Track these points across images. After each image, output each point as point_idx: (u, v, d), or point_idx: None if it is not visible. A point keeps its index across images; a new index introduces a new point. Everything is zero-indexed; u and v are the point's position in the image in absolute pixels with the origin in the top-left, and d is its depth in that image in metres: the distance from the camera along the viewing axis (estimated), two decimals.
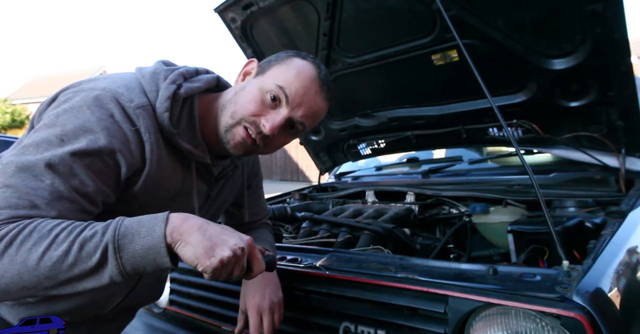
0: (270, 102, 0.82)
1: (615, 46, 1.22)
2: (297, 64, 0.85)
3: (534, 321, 0.72)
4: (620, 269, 0.84)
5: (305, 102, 0.84)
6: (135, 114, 0.75)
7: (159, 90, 0.80)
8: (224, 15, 1.74)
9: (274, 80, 0.83)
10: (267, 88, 0.83)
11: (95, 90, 0.74)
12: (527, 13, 1.32)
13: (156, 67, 0.85)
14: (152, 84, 0.80)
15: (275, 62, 0.86)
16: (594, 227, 1.10)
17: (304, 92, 0.83)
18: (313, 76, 0.85)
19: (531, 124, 1.60)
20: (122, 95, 0.75)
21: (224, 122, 0.85)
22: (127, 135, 0.74)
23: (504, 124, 0.99)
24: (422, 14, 1.46)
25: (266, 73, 0.85)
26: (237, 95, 0.85)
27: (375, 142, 2.24)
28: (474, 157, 2.26)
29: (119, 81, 0.78)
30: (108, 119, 0.72)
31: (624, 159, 1.44)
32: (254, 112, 0.82)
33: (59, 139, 0.70)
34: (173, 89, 0.80)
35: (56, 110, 0.73)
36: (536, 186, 0.90)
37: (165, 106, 0.78)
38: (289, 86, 0.82)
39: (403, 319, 0.87)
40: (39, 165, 0.68)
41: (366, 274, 0.95)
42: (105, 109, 0.72)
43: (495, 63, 1.48)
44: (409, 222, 1.60)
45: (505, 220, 1.33)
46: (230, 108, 0.84)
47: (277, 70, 0.85)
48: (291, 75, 0.83)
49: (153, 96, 0.79)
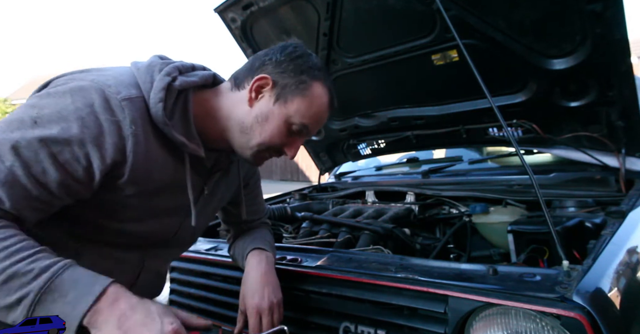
0: (295, 131, 0.89)
1: (615, 46, 1.22)
2: (318, 94, 0.89)
3: (534, 321, 0.72)
4: (620, 269, 0.84)
5: (320, 126, 0.94)
6: (120, 106, 0.73)
7: (153, 81, 0.79)
8: (224, 15, 1.74)
9: (299, 117, 0.87)
10: (292, 122, 0.87)
11: (84, 80, 0.73)
12: (527, 13, 1.32)
13: (152, 61, 0.85)
14: (147, 76, 0.80)
15: (299, 92, 0.87)
16: (594, 227, 1.10)
17: (322, 122, 0.93)
18: (328, 103, 0.91)
19: (531, 124, 1.60)
20: (110, 87, 0.74)
21: (250, 147, 0.88)
22: (103, 126, 0.71)
23: (504, 124, 0.99)
24: (422, 14, 1.46)
25: (288, 104, 0.87)
26: (260, 125, 0.87)
27: (375, 142, 2.24)
28: (474, 157, 2.26)
29: (111, 74, 0.78)
30: (85, 108, 0.70)
31: (624, 159, 1.44)
32: (281, 143, 0.89)
33: (33, 121, 0.68)
34: (167, 81, 0.80)
35: (40, 94, 0.73)
36: (536, 186, 0.90)
37: (159, 96, 0.78)
38: (312, 122, 0.89)
39: (403, 319, 0.87)
40: (4, 145, 0.66)
41: (366, 274, 0.95)
42: (86, 98, 0.71)
43: (495, 63, 1.48)
44: (409, 222, 1.60)
45: (505, 220, 1.33)
46: (254, 137, 0.87)
47: (301, 104, 0.87)
48: (314, 112, 0.88)
49: (147, 88, 0.78)
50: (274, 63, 0.88)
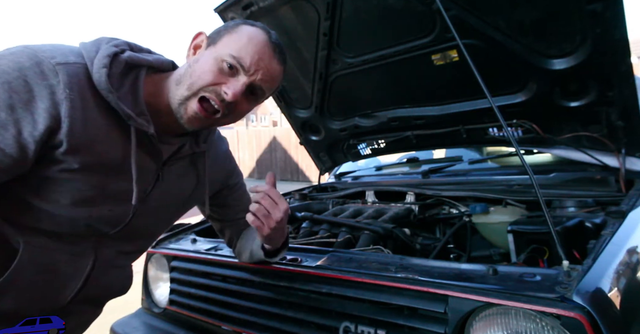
0: (228, 70, 0.82)
1: (615, 46, 1.22)
2: (247, 30, 0.85)
3: (534, 321, 0.72)
4: (620, 269, 0.84)
5: (262, 67, 0.84)
6: (54, 70, 0.70)
7: (98, 51, 0.77)
8: (224, 15, 1.74)
9: (227, 50, 0.82)
10: (222, 58, 0.82)
11: (21, 47, 0.71)
12: (527, 13, 1.32)
13: (102, 36, 0.83)
14: (92, 46, 0.78)
15: (225, 32, 0.85)
16: (594, 227, 1.10)
17: (258, 57, 0.84)
18: (265, 41, 0.85)
19: (531, 124, 1.61)
20: (44, 52, 0.71)
21: (179, 95, 0.83)
22: (33, 91, 0.68)
23: (504, 124, 1.00)
24: (422, 14, 1.46)
25: (218, 44, 0.84)
26: (191, 67, 0.84)
27: (375, 142, 2.24)
28: (474, 157, 2.26)
29: (53, 44, 0.75)
30: (13, 72, 0.67)
31: (624, 159, 1.44)
32: (213, 81, 0.82)
33: None
34: (114, 50, 0.78)
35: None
36: (536, 186, 0.90)
37: (103, 62, 0.75)
38: (243, 54, 0.82)
39: (403, 319, 0.87)
40: None
41: (366, 274, 0.95)
42: (15, 62, 0.68)
43: (495, 63, 1.48)
44: (409, 222, 1.60)
45: (505, 220, 1.33)
46: (186, 81, 0.82)
47: (229, 40, 0.84)
48: (243, 43, 0.83)
49: (91, 56, 0.76)
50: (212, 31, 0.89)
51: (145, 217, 0.91)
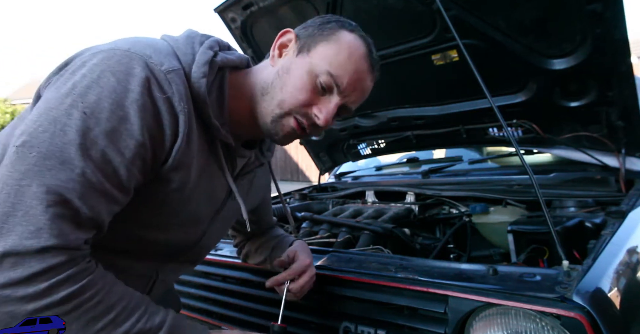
0: (321, 90, 0.74)
1: (615, 46, 1.22)
2: (347, 40, 0.75)
3: (534, 321, 0.72)
4: (620, 269, 0.84)
5: (358, 88, 0.77)
6: (167, 79, 0.63)
7: (195, 54, 0.70)
8: (224, 15, 1.74)
9: (324, 64, 0.73)
10: (316, 73, 0.73)
11: (117, 51, 0.62)
12: (527, 13, 1.32)
13: (190, 32, 0.75)
14: (187, 47, 0.70)
15: (321, 38, 0.75)
16: (594, 227, 1.10)
17: (357, 77, 0.76)
18: (364, 55, 0.77)
19: (531, 124, 1.61)
20: (150, 57, 0.63)
21: (270, 111, 0.75)
22: (158, 105, 0.62)
23: (504, 124, 0.99)
24: (422, 14, 1.46)
25: (312, 52, 0.75)
26: (280, 78, 0.75)
27: (375, 142, 2.24)
28: (474, 157, 2.26)
29: (144, 42, 0.66)
30: (136, 87, 0.60)
31: (624, 159, 1.44)
32: (305, 102, 0.74)
33: (82, 113, 0.57)
34: (210, 55, 0.71)
35: (71, 76, 0.60)
36: (536, 186, 0.90)
37: (202, 70, 0.68)
38: (342, 72, 0.74)
39: (403, 319, 0.87)
40: (68, 149, 0.55)
41: (366, 274, 0.95)
42: (131, 75, 0.60)
43: (495, 63, 1.48)
44: (409, 222, 1.59)
45: (505, 220, 1.33)
46: (275, 95, 0.75)
47: (326, 49, 0.74)
48: (343, 58, 0.74)
49: (188, 60, 0.69)
50: (301, 27, 0.80)
51: (210, 236, 0.87)
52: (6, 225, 0.52)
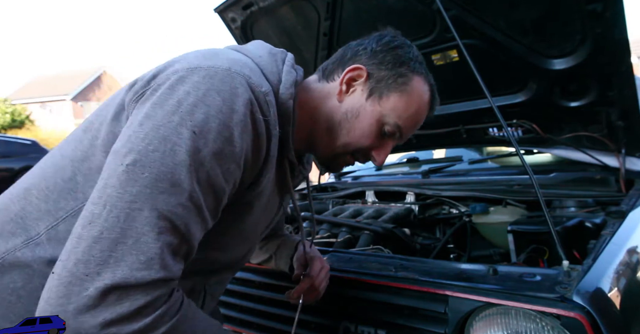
0: (384, 135, 0.77)
1: (615, 46, 1.22)
2: (418, 92, 0.77)
3: (534, 321, 0.72)
4: (620, 269, 0.84)
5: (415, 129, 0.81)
6: (266, 102, 0.62)
7: (280, 73, 0.68)
8: (224, 15, 1.74)
9: (394, 116, 0.75)
10: (384, 121, 0.75)
11: (218, 70, 0.59)
12: (527, 13, 1.32)
13: (270, 48, 0.73)
14: (273, 65, 0.69)
15: (395, 86, 0.75)
16: (594, 227, 1.10)
17: (418, 125, 0.80)
18: (428, 102, 0.80)
19: (531, 124, 1.61)
20: (251, 78, 0.61)
21: (332, 149, 0.77)
22: (258, 128, 0.60)
23: (504, 124, 0.99)
24: (422, 14, 1.46)
25: (383, 99, 0.74)
26: (348, 121, 0.75)
27: None
28: (474, 157, 2.26)
29: (238, 58, 0.64)
30: (241, 108, 0.57)
31: (624, 159, 1.44)
32: (369, 146, 0.77)
33: (191, 132, 0.54)
34: (295, 76, 0.70)
35: (171, 91, 0.56)
36: (536, 186, 0.90)
37: (290, 92, 0.67)
38: (408, 125, 0.77)
39: (403, 319, 0.87)
40: (179, 170, 0.52)
41: (366, 274, 0.95)
42: (237, 95, 0.58)
43: (495, 63, 1.48)
44: (409, 222, 1.59)
45: (505, 220, 1.33)
46: (341, 136, 0.75)
47: (398, 101, 0.75)
48: (412, 112, 0.76)
49: (275, 79, 0.67)
50: (369, 53, 0.77)
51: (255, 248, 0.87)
52: (114, 254, 0.48)
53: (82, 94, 27.39)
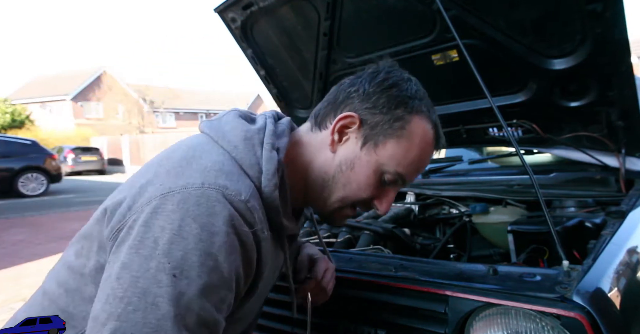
0: (385, 183, 0.72)
1: (615, 46, 1.22)
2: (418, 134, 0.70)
3: (534, 321, 0.72)
4: (620, 269, 0.84)
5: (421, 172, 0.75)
6: (249, 209, 0.59)
7: (260, 163, 0.64)
8: (224, 15, 1.74)
9: (393, 164, 0.69)
10: (383, 170, 0.70)
11: (191, 190, 0.56)
12: (527, 13, 1.32)
13: (245, 130, 0.67)
14: (250, 155, 0.64)
15: (391, 132, 0.69)
16: (594, 227, 1.10)
17: (423, 167, 0.74)
18: (432, 142, 0.73)
19: (531, 124, 1.60)
20: (227, 188, 0.57)
21: (330, 204, 0.73)
22: (244, 241, 0.58)
23: (504, 124, 0.99)
24: (422, 14, 1.46)
25: (379, 148, 0.69)
26: (343, 174, 0.70)
27: None
28: (474, 157, 2.26)
29: (211, 165, 0.60)
30: (222, 228, 0.55)
31: (624, 159, 1.44)
32: (369, 197, 0.72)
33: (171, 276, 0.51)
34: (276, 160, 0.65)
35: (146, 229, 0.54)
36: (536, 186, 0.90)
37: (274, 182, 0.63)
38: (411, 170, 0.71)
39: (403, 319, 0.87)
40: (164, 325, 0.50)
41: (366, 274, 0.95)
42: (214, 215, 0.55)
43: (495, 63, 1.48)
44: (409, 222, 1.60)
45: (505, 220, 1.33)
46: (337, 190, 0.71)
47: (396, 148, 0.69)
48: (413, 157, 0.70)
49: (255, 172, 0.63)
50: (362, 96, 0.71)
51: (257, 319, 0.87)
52: None
53: (82, 94, 27.39)
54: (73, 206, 8.44)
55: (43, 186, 10.33)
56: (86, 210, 7.77)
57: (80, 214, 7.27)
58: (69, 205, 8.55)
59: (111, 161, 19.73)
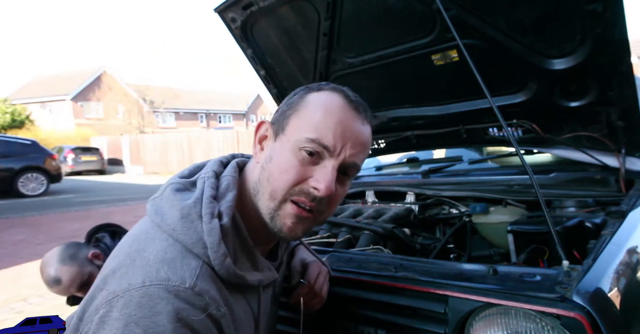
0: (310, 158, 0.67)
1: (615, 46, 1.22)
2: (318, 99, 0.70)
3: (534, 321, 0.72)
4: (620, 269, 0.84)
5: (349, 138, 0.68)
6: (197, 294, 0.58)
7: (201, 238, 0.62)
8: (224, 15, 1.74)
9: (301, 133, 0.67)
10: (298, 146, 0.67)
11: (133, 292, 0.56)
12: (527, 13, 1.32)
13: (180, 207, 0.65)
14: (190, 233, 0.63)
15: (292, 111, 0.70)
16: (594, 227, 1.10)
17: (341, 128, 0.67)
18: (342, 104, 0.69)
19: (531, 124, 1.60)
20: (169, 280, 0.57)
21: (266, 208, 0.69)
22: (200, 331, 0.57)
23: (504, 124, 0.99)
24: (422, 14, 1.46)
25: (287, 129, 0.69)
26: (266, 170, 0.69)
27: (376, 142, 2.24)
28: (474, 157, 2.27)
29: (153, 257, 0.60)
30: (168, 325, 0.54)
31: (624, 159, 1.44)
32: (297, 180, 0.67)
33: None
34: (218, 228, 0.63)
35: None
36: (536, 186, 0.90)
37: (221, 253, 0.62)
38: (323, 132, 0.66)
39: (403, 319, 0.87)
40: None
41: (366, 274, 0.95)
42: (157, 313, 0.54)
43: (495, 63, 1.48)
44: (409, 222, 1.60)
45: (505, 220, 1.33)
46: (265, 190, 0.69)
47: (299, 119, 0.69)
48: (318, 118, 0.67)
49: (200, 248, 0.62)
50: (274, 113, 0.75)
51: None
52: None
53: (82, 94, 27.39)
54: (73, 206, 8.44)
55: (43, 186, 10.33)
56: (86, 210, 7.77)
57: (80, 214, 7.27)
58: (69, 205, 8.56)
59: (111, 161, 19.74)
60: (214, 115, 34.43)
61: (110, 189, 11.95)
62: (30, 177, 10.16)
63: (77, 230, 5.74)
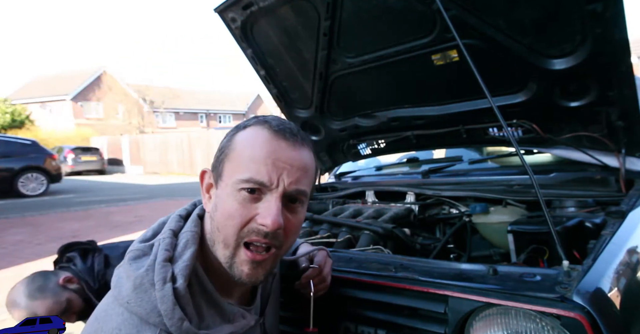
0: (250, 196, 0.67)
1: (615, 46, 1.22)
2: (242, 139, 0.70)
3: (534, 321, 0.72)
4: (620, 269, 0.84)
5: (282, 169, 0.67)
6: None
7: (155, 307, 0.63)
8: (224, 15, 1.74)
9: (235, 176, 0.67)
10: (235, 188, 0.67)
11: None
12: (527, 13, 1.32)
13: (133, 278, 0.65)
14: (144, 303, 0.63)
15: (223, 156, 0.71)
16: (594, 227, 1.10)
17: (271, 161, 0.67)
18: (266, 136, 0.69)
19: (531, 124, 1.60)
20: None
21: (223, 258, 0.69)
22: None
23: (504, 124, 0.99)
24: (422, 14, 1.46)
25: (223, 174, 0.70)
26: (214, 220, 0.70)
27: (375, 142, 2.24)
28: (474, 157, 2.26)
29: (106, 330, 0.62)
30: None
31: (624, 159, 1.44)
32: (242, 222, 0.67)
33: None
34: (171, 293, 0.63)
35: None
36: (536, 186, 0.90)
37: (177, 319, 0.62)
38: (255, 169, 0.66)
39: (403, 319, 0.87)
40: None
41: (366, 274, 0.95)
42: None
43: (495, 63, 1.48)
44: (409, 222, 1.60)
45: (505, 220, 1.33)
46: (218, 238, 0.70)
47: (231, 163, 0.69)
48: (247, 157, 0.68)
49: (155, 316, 0.62)
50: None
51: None
52: None
53: (82, 94, 27.39)
54: (73, 206, 8.44)
55: (43, 186, 10.34)
56: (86, 210, 7.77)
57: (80, 214, 7.27)
58: (69, 205, 8.56)
59: (111, 161, 19.74)
60: (214, 115, 34.44)
61: (110, 189, 11.96)
62: (30, 177, 10.16)
63: (77, 230, 5.74)
